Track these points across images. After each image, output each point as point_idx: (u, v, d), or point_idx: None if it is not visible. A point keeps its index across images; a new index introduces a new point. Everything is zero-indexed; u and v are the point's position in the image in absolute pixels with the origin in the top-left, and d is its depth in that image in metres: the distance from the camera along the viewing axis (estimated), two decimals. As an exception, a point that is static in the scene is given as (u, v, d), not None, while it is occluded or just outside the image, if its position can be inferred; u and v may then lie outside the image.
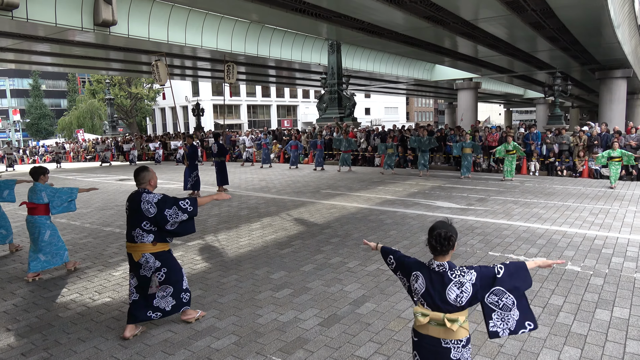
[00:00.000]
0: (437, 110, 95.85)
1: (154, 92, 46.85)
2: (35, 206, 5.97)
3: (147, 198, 4.14)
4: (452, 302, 2.47)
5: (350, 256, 6.39)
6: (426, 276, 2.56)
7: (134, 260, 4.22)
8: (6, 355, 3.95)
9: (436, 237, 2.54)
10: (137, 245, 4.18)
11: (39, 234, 5.94)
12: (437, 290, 2.50)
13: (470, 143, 14.54)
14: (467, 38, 20.00)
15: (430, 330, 2.53)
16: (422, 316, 2.52)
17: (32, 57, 22.45)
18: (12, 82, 73.75)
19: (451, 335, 2.50)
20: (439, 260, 2.56)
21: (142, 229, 4.15)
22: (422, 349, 2.59)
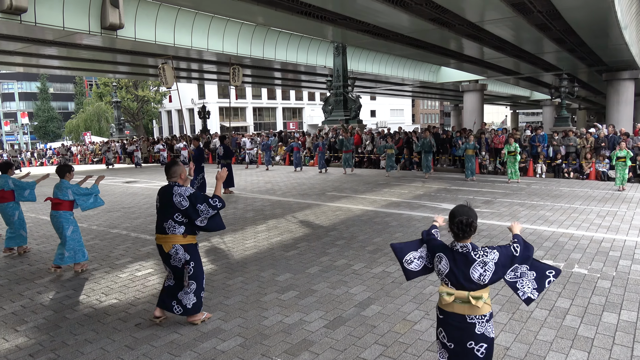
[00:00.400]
0: (442, 112, 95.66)
1: (161, 95, 47.09)
2: (60, 202, 6.24)
3: (179, 191, 4.29)
4: (476, 281, 2.63)
5: (355, 258, 6.39)
6: (450, 257, 2.71)
7: (164, 252, 4.36)
8: (14, 356, 3.98)
9: (458, 224, 2.66)
10: (168, 236, 4.32)
11: (62, 229, 6.21)
12: (461, 270, 2.66)
13: (473, 144, 14.48)
14: (473, 40, 19.95)
15: (456, 307, 2.68)
16: (447, 295, 2.66)
17: (40, 61, 22.64)
18: (21, 85, 74.40)
19: (475, 311, 2.65)
20: (461, 242, 2.70)
21: (175, 221, 4.29)
22: (448, 326, 2.74)
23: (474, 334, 2.67)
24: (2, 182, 7.23)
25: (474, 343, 2.68)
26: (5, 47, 18.07)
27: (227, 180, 12.94)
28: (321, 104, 28.50)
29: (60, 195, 6.23)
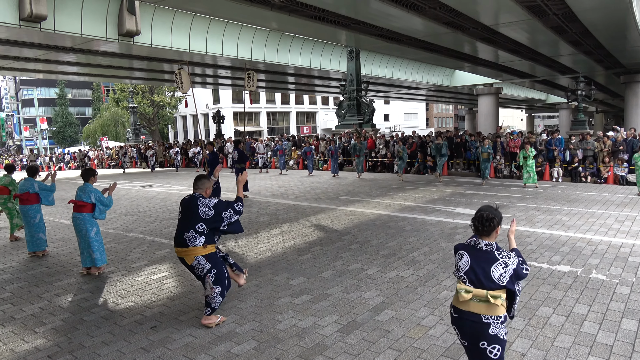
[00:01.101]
0: (457, 116, 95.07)
1: (176, 100, 47.62)
2: (84, 204, 6.37)
3: (205, 202, 4.44)
4: (496, 280, 2.64)
5: (369, 263, 6.37)
6: (471, 254, 2.72)
7: (187, 264, 4.48)
8: (33, 357, 4.05)
9: (479, 217, 2.74)
10: (189, 249, 4.40)
11: (86, 231, 6.33)
12: (481, 268, 2.67)
13: (488, 148, 14.32)
14: (488, 43, 19.83)
15: (472, 306, 2.69)
16: (465, 292, 2.66)
17: (58, 67, 23.08)
18: (40, 92, 75.88)
19: (492, 311, 2.66)
20: (485, 240, 2.74)
21: (196, 231, 4.38)
22: (463, 324, 2.75)
23: (487, 334, 2.68)
24: (27, 185, 7.41)
25: (486, 344, 2.69)
26: (25, 54, 18.48)
27: (242, 184, 13.01)
28: (334, 108, 28.53)
29: (84, 198, 6.37)
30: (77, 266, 6.78)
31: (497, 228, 2.75)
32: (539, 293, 5.09)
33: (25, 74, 31.10)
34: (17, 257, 7.52)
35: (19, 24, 13.17)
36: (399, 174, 16.29)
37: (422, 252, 6.80)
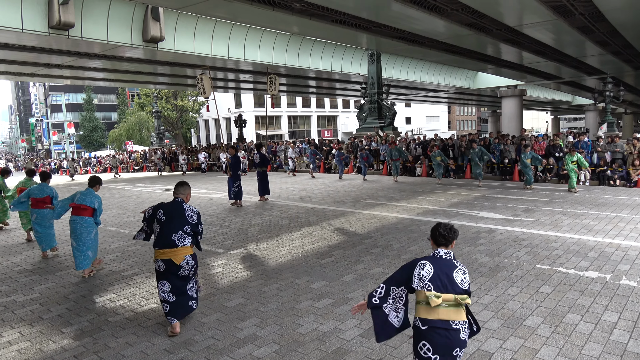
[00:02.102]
0: (480, 118, 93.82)
1: (199, 104, 48.28)
2: (86, 208, 6.51)
3: (190, 207, 4.74)
4: (459, 284, 2.75)
5: (391, 267, 6.32)
6: (434, 262, 2.82)
7: (175, 264, 4.52)
8: (60, 357, 4.14)
9: (444, 227, 2.90)
10: (178, 249, 4.54)
11: (88, 233, 6.48)
12: (445, 274, 2.77)
13: (531, 154, 13.73)
14: (511, 45, 19.51)
15: (441, 313, 2.72)
16: (436, 297, 2.71)
17: (85, 73, 23.68)
18: (67, 97, 77.99)
19: (459, 316, 2.73)
20: (444, 249, 2.88)
21: (184, 232, 4.59)
22: (434, 334, 2.73)
23: (459, 340, 2.73)
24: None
25: (459, 350, 2.74)
26: (54, 60, 19.01)
27: (263, 187, 13.09)
28: (355, 112, 28.47)
29: (88, 202, 6.48)
30: (103, 269, 6.92)
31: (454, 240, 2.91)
32: (566, 299, 4.96)
33: (53, 80, 32.03)
34: (45, 260, 7.70)
35: (48, 32, 13.57)
36: (439, 179, 16.24)
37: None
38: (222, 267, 6.66)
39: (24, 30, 13.17)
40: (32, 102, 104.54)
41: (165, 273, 4.56)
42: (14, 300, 5.69)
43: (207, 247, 7.92)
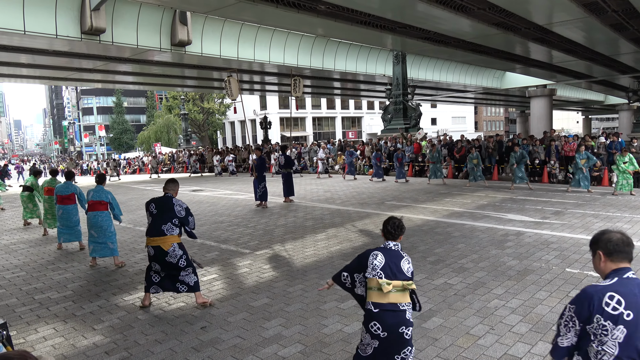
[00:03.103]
0: (507, 119, 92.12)
1: (225, 106, 48.89)
2: (103, 203, 7.26)
3: (179, 202, 5.33)
4: (405, 272, 3.14)
5: (416, 269, 6.27)
6: (385, 253, 3.19)
7: (163, 250, 5.16)
8: (92, 352, 4.27)
9: (392, 224, 3.25)
10: (167, 237, 5.18)
11: (107, 226, 7.19)
12: (394, 263, 3.15)
13: (585, 154, 12.94)
14: (540, 43, 19.10)
15: (391, 297, 3.10)
16: (387, 284, 3.08)
17: (115, 77, 24.28)
18: (99, 100, 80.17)
19: (405, 299, 3.13)
20: (392, 242, 3.24)
21: (172, 224, 5.23)
22: (383, 317, 3.09)
23: (404, 319, 3.10)
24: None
25: (404, 327, 3.09)
26: (85, 65, 19.57)
27: (287, 189, 13.18)
28: (380, 113, 28.35)
29: (103, 197, 7.22)
30: (133, 267, 7.09)
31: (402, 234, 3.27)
32: (597, 304, 4.84)
33: (85, 84, 32.95)
34: (77, 257, 7.94)
35: (80, 37, 13.98)
36: (484, 181, 15.63)
37: (471, 259, 6.63)
38: (248, 268, 6.74)
39: (58, 36, 13.60)
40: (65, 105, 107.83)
41: (154, 257, 5.22)
42: (48, 297, 5.89)
43: (233, 247, 8.03)
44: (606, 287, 2.08)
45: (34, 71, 20.93)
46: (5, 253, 8.54)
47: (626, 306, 2.01)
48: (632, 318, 2.00)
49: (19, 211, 14.29)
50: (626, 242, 2.15)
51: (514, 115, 68.29)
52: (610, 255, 2.16)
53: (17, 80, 24.35)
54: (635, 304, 2.01)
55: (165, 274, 5.27)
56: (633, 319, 1.99)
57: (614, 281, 2.10)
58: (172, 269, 5.22)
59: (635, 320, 1.99)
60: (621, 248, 2.14)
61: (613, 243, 2.14)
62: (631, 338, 1.99)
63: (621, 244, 2.14)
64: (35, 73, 21.62)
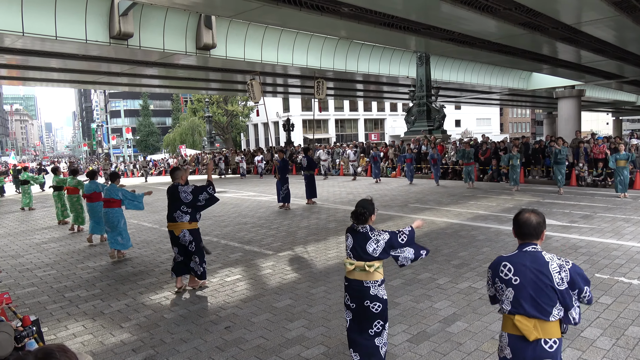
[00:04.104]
0: (534, 120, 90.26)
1: (248, 109, 49.33)
2: (113, 201, 7.86)
3: (184, 189, 5.77)
4: (370, 253, 3.42)
5: (440, 272, 6.22)
6: (353, 236, 3.52)
7: (175, 235, 5.85)
8: (119, 349, 4.37)
9: (353, 214, 3.52)
10: (177, 223, 5.80)
11: (117, 222, 7.83)
12: (360, 245, 3.46)
13: (625, 155, 12.31)
14: (569, 43, 18.68)
15: (356, 275, 3.48)
16: (349, 264, 3.48)
17: (142, 80, 24.78)
18: (126, 103, 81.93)
19: (370, 277, 3.44)
20: (361, 225, 3.51)
21: (181, 211, 5.78)
22: (350, 290, 3.53)
23: (369, 294, 3.44)
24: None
25: (369, 302, 3.44)
26: (113, 69, 20.03)
27: (310, 190, 13.21)
28: (403, 115, 28.17)
29: (113, 196, 7.84)
30: (159, 267, 7.23)
31: (370, 217, 3.50)
32: (628, 311, 4.70)
33: (113, 87, 33.72)
34: (105, 257, 8.13)
35: (109, 42, 14.33)
36: (516, 186, 14.46)
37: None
38: (271, 269, 6.78)
39: (88, 41, 13.97)
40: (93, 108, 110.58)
41: (172, 240, 5.97)
42: (77, 295, 6.05)
43: (256, 248, 8.10)
44: (505, 257, 2.64)
45: (64, 75, 21.52)
46: (37, 252, 8.82)
47: (514, 273, 2.55)
48: (518, 283, 2.53)
49: (50, 211, 14.73)
50: (527, 224, 2.59)
51: (541, 117, 66.88)
52: (517, 234, 2.66)
53: (48, 84, 25.08)
54: (522, 272, 2.52)
55: (184, 258, 5.89)
56: (519, 283, 2.52)
57: (513, 254, 2.63)
58: (185, 254, 5.87)
59: (521, 284, 2.51)
60: (523, 230, 2.61)
61: (519, 224, 2.63)
62: (517, 298, 2.52)
63: (523, 225, 2.61)
64: (65, 77, 22.23)
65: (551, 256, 2.53)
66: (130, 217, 12.42)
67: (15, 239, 10.26)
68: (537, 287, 2.47)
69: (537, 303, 2.47)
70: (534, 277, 2.48)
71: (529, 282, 2.49)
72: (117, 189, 7.89)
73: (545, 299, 2.46)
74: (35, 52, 15.62)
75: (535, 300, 2.47)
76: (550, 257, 2.53)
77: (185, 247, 5.85)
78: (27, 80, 23.28)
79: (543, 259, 2.51)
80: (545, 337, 2.47)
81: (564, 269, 2.48)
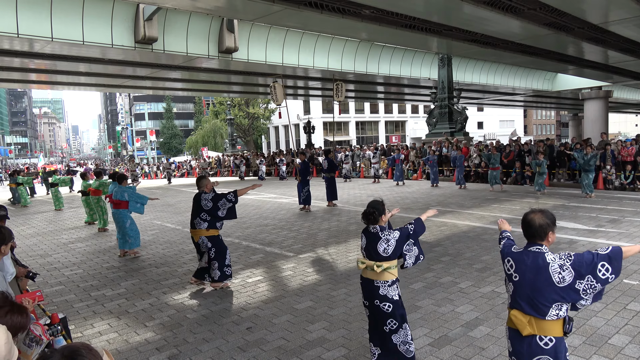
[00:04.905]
0: (559, 122, 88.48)
1: (269, 111, 49.66)
2: (119, 202, 8.14)
3: (205, 196, 5.94)
4: (381, 253, 3.47)
5: (462, 276, 6.15)
6: (366, 236, 3.59)
7: (195, 241, 6.10)
8: (144, 348, 4.45)
9: (362, 214, 3.59)
10: (196, 230, 6.01)
11: (123, 223, 8.13)
12: (372, 245, 3.52)
13: None
14: (595, 43, 18.29)
15: (368, 274, 3.56)
16: (361, 263, 3.57)
17: (165, 84, 25.21)
18: (150, 106, 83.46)
19: (380, 277, 3.49)
20: (372, 225, 3.55)
21: (200, 218, 5.96)
22: (363, 288, 3.64)
23: (378, 294, 3.50)
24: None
25: (378, 301, 3.50)
26: (138, 72, 20.44)
27: (331, 193, 13.22)
28: (425, 117, 27.95)
29: (119, 197, 8.09)
30: (182, 267, 7.34)
31: (380, 217, 3.54)
32: (658, 318, 4.57)
33: (137, 90, 34.41)
34: (129, 257, 8.28)
35: (134, 46, 14.64)
36: (542, 191, 14.14)
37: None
38: (292, 271, 6.81)
39: (113, 46, 14.30)
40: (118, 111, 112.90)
41: (195, 246, 6.21)
42: (103, 294, 6.19)
43: (277, 250, 8.15)
44: (510, 253, 2.74)
45: (91, 79, 22.06)
46: (64, 251, 9.05)
47: (515, 269, 2.64)
48: (518, 279, 2.62)
49: (77, 211, 15.11)
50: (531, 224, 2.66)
51: (566, 119, 65.53)
52: (524, 234, 2.73)
53: (75, 88, 25.74)
54: (522, 270, 2.60)
55: (205, 265, 6.09)
56: (519, 280, 2.61)
57: (518, 251, 2.71)
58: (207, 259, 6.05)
59: (520, 281, 2.60)
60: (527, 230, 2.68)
61: (524, 224, 2.71)
62: (516, 293, 2.62)
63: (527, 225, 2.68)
64: (91, 81, 22.79)
65: (553, 257, 2.53)
66: (154, 218, 12.65)
67: (44, 239, 10.55)
68: (535, 287, 2.51)
69: (534, 302, 2.51)
70: (533, 277, 2.53)
71: (527, 281, 2.54)
72: (124, 190, 8.09)
73: (542, 299, 2.49)
74: (63, 57, 16.06)
75: (531, 299, 2.52)
76: (553, 257, 2.52)
77: (205, 253, 6.04)
78: (56, 84, 23.95)
79: (545, 260, 2.52)
80: (540, 334, 2.51)
81: (566, 267, 2.47)
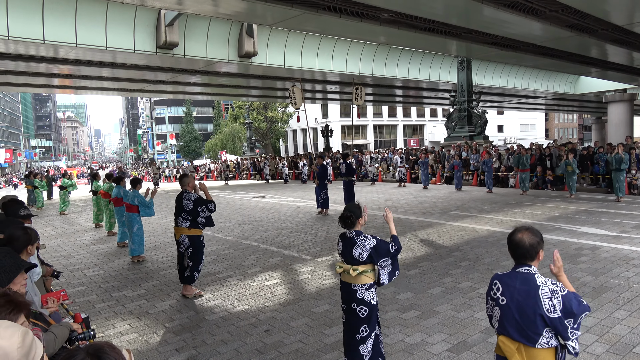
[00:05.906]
0: (582, 126, 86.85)
1: (287, 115, 49.92)
2: (130, 206, 8.33)
3: (187, 197, 5.88)
4: (356, 258, 3.47)
5: (481, 281, 6.08)
6: (343, 241, 3.60)
7: (176, 239, 6.09)
8: (163, 349, 4.51)
9: (342, 217, 3.57)
10: (178, 228, 5.99)
11: (131, 227, 8.24)
12: (347, 250, 3.52)
13: None
14: (619, 45, 17.91)
15: (345, 277, 3.57)
16: (338, 267, 3.58)
17: (186, 88, 25.56)
18: (170, 110, 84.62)
19: (357, 280, 3.49)
20: (349, 230, 3.56)
21: (182, 217, 5.92)
22: (341, 291, 3.64)
23: (355, 297, 3.49)
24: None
25: (355, 304, 3.49)
26: (159, 77, 20.77)
27: (349, 196, 13.20)
28: (443, 120, 27.73)
29: (130, 201, 8.27)
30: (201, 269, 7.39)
31: (357, 221, 3.54)
32: (685, 327, 4.45)
33: (158, 95, 34.93)
34: (150, 259, 8.41)
35: (155, 52, 14.90)
36: (572, 194, 14.03)
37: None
38: (310, 274, 6.83)
39: (136, 51, 14.57)
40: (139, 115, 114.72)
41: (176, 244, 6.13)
42: (124, 295, 6.29)
43: (295, 253, 8.17)
44: (498, 275, 2.57)
45: (113, 83, 22.48)
46: (86, 252, 9.23)
47: (502, 292, 2.46)
48: (505, 303, 2.43)
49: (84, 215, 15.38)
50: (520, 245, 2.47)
51: (589, 122, 64.30)
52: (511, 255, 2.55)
53: (98, 92, 26.28)
54: (509, 293, 2.43)
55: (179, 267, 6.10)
56: (506, 304, 2.42)
57: (506, 273, 2.55)
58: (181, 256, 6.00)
59: (507, 305, 2.42)
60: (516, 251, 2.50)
61: (511, 245, 2.52)
62: (503, 319, 2.43)
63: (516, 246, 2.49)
64: (114, 85, 23.22)
65: (544, 280, 2.38)
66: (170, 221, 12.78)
67: (67, 240, 10.77)
68: (523, 311, 2.35)
69: (522, 328, 2.35)
70: (521, 300, 2.37)
71: (515, 304, 2.38)
72: (133, 195, 8.19)
73: (530, 324, 2.32)
74: (87, 62, 16.41)
75: (519, 324, 2.35)
76: (543, 281, 2.38)
77: (182, 252, 6.00)
78: (79, 89, 24.47)
79: (534, 282, 2.38)
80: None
81: (557, 295, 2.31)
